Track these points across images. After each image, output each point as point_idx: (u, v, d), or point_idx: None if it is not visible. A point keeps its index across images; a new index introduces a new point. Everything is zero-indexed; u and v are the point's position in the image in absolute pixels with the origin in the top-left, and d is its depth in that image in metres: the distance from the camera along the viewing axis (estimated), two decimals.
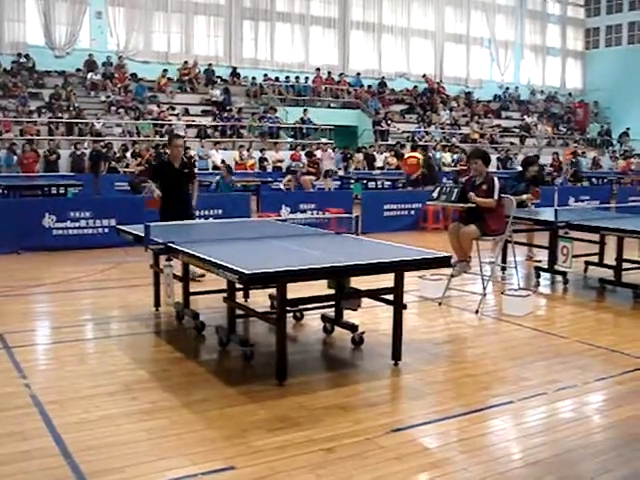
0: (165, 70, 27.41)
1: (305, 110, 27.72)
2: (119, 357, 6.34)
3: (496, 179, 8.55)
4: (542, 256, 10.27)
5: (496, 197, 8.35)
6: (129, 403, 5.18)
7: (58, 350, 6.64)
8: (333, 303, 6.76)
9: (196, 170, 10.86)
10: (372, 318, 7.50)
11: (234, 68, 29.71)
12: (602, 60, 38.91)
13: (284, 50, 31.35)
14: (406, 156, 19.79)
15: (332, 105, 30.23)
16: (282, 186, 19.22)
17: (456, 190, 8.49)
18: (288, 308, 5.85)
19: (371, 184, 21.91)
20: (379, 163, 25.64)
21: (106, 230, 12.23)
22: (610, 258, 9.46)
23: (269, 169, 23.61)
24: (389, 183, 21.63)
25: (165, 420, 4.85)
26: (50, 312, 8.29)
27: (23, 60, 25.62)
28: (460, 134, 30.75)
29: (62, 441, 4.47)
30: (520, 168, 11.95)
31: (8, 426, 4.71)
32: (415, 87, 33.52)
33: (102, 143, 21.78)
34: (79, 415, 4.92)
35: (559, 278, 9.58)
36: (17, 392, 5.37)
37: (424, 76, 33.93)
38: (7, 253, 11.34)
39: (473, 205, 8.30)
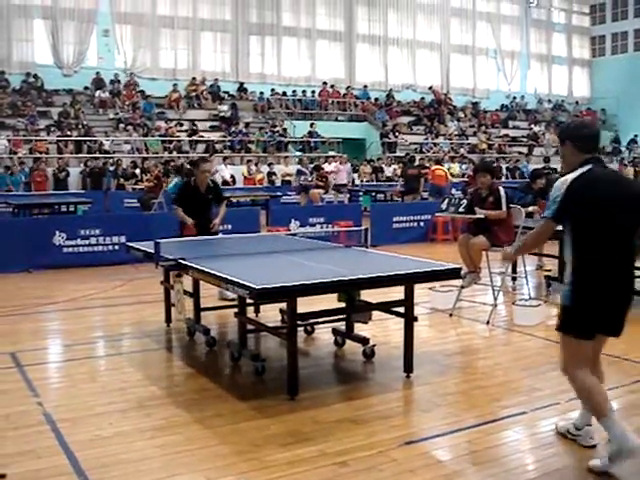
0: (175, 85, 27.55)
1: (312, 124, 27.79)
2: (131, 374, 6.35)
3: (502, 189, 8.56)
4: (552, 265, 10.25)
5: (504, 208, 8.36)
6: (142, 420, 5.19)
7: (70, 368, 6.66)
8: (344, 316, 6.76)
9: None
10: (383, 331, 7.49)
11: (241, 83, 29.84)
12: (608, 68, 38.91)
13: (291, 64, 31.48)
14: (433, 168, 20.43)
15: (339, 118, 30.31)
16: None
17: (464, 202, 8.51)
18: (299, 322, 5.87)
19: (380, 196, 21.92)
20: (388, 174, 25.67)
21: (116, 247, 12.27)
22: None
23: (277, 183, 23.66)
24: None
25: (178, 436, 4.86)
26: (61, 330, 8.32)
27: (32, 79, 25.81)
28: (468, 144, 30.77)
29: (75, 459, 4.48)
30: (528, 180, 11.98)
31: (21, 444, 4.72)
32: (422, 98, 33.57)
33: (104, 160, 21.93)
34: (92, 432, 4.93)
35: None
36: (30, 410, 5.39)
37: (430, 88, 33.96)
38: (18, 272, 11.39)
39: (482, 216, 8.31)
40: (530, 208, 10.42)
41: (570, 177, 4.23)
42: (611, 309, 4.32)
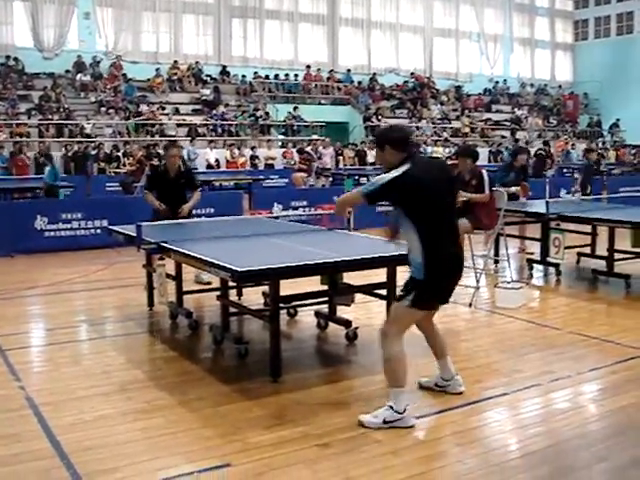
0: (158, 69, 27.36)
1: (295, 107, 27.70)
2: (114, 357, 6.34)
3: (485, 172, 8.58)
4: (534, 248, 10.29)
5: (487, 191, 8.38)
6: (124, 403, 5.18)
7: (52, 352, 6.63)
8: (326, 299, 6.78)
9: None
10: (366, 313, 7.50)
11: (224, 66, 29.67)
12: (591, 52, 38.98)
13: (273, 48, 31.28)
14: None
15: (322, 102, 30.21)
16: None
17: None
18: (281, 305, 5.87)
19: (363, 180, 21.88)
20: (370, 159, 25.65)
21: (98, 231, 12.20)
22: (602, 249, 9.50)
23: (261, 167, 23.59)
24: None
25: (161, 419, 4.86)
26: (44, 314, 8.28)
27: (12, 63, 25.53)
28: (451, 128, 30.77)
29: (58, 442, 4.48)
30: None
31: (3, 428, 4.71)
32: (405, 82, 33.51)
33: (85, 144, 21.76)
34: (74, 416, 4.92)
35: (552, 270, 9.60)
36: (12, 395, 5.37)
37: (412, 74, 33.88)
38: (0, 256, 11.32)
39: (464, 199, 8.32)
40: (512, 188, 10.43)
41: (397, 173, 4.63)
42: (451, 281, 4.87)
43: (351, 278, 6.56)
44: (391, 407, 4.64)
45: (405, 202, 4.68)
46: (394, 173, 4.62)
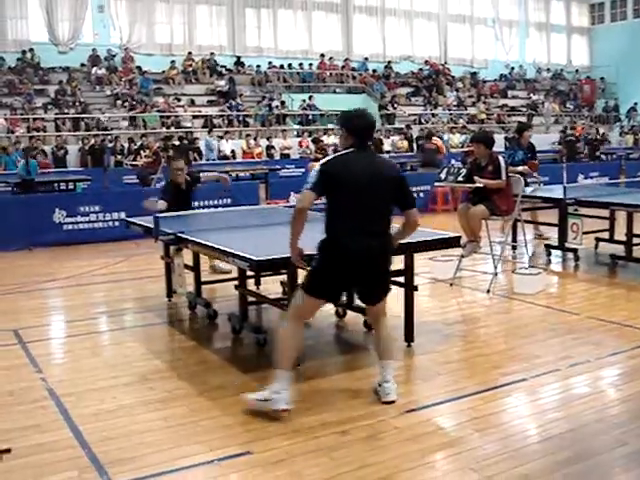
0: (173, 62, 27.38)
1: (310, 97, 27.66)
2: (134, 348, 6.39)
3: (501, 159, 8.53)
4: (552, 233, 10.25)
5: (504, 177, 8.34)
6: (145, 393, 5.23)
7: (72, 343, 6.69)
8: None
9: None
10: None
11: (238, 57, 29.64)
12: (608, 35, 38.52)
13: (287, 37, 31.20)
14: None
15: (337, 90, 30.13)
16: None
17: (463, 171, 8.50)
18: None
19: None
20: (387, 147, 25.60)
21: (116, 223, 12.28)
22: (620, 234, 9.45)
23: (277, 157, 23.61)
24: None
25: (181, 408, 4.90)
26: (63, 306, 8.35)
27: (27, 57, 25.63)
28: (467, 115, 30.63)
29: (79, 432, 4.53)
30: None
31: (26, 419, 4.76)
32: (420, 69, 33.34)
33: (102, 137, 21.85)
34: (96, 406, 4.97)
35: (570, 255, 9.57)
36: (33, 386, 5.43)
37: (426, 62, 33.72)
38: (19, 250, 11.41)
39: (481, 185, 8.29)
40: (520, 168, 10.33)
41: (326, 159, 4.77)
42: (346, 275, 4.76)
43: None
44: (271, 387, 4.72)
45: (325, 189, 4.70)
46: (324, 160, 4.78)
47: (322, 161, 4.80)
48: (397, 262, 6.13)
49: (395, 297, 7.08)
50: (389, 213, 4.87)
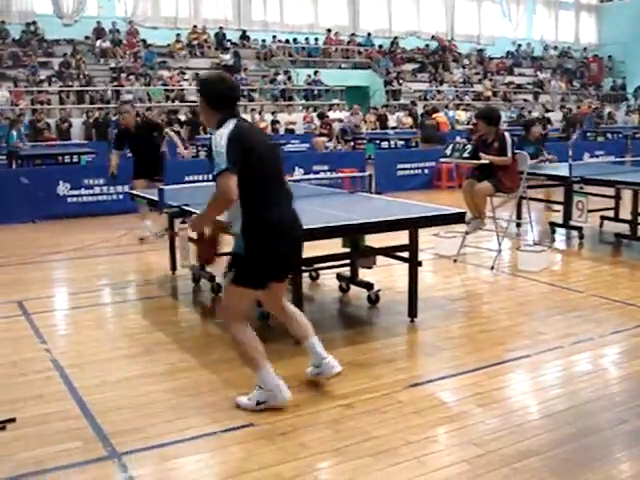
0: (178, 35, 27.24)
1: (316, 72, 27.54)
2: (137, 320, 6.41)
3: (507, 135, 8.49)
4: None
5: (510, 154, 8.31)
6: (148, 365, 5.24)
7: (77, 315, 6.71)
8: (348, 262, 6.79)
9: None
10: (387, 276, 7.52)
11: (244, 31, 29.47)
12: (616, 13, 38.20)
13: (293, 11, 31.00)
14: (433, 117, 20.53)
15: (343, 66, 30.00)
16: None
17: (469, 147, 8.46)
18: (303, 268, 5.88)
19: (384, 144, 21.81)
20: (392, 123, 25.52)
21: (120, 196, 12.28)
22: (626, 212, 9.42)
23: (281, 132, 23.54)
24: (402, 143, 21.51)
25: (184, 380, 4.91)
26: (67, 278, 8.36)
27: (32, 29, 25.50)
28: (473, 92, 30.50)
29: (83, 403, 4.54)
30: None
31: (30, 390, 4.78)
32: (427, 45, 33.17)
33: (106, 110, 21.82)
34: (99, 378, 4.99)
35: (574, 233, 9.55)
36: (38, 357, 5.45)
37: (433, 37, 33.52)
38: (23, 222, 11.43)
39: (486, 162, 8.26)
40: (546, 156, 10.41)
41: (225, 132, 4.14)
42: (279, 251, 4.33)
43: (373, 241, 6.55)
44: (260, 387, 4.38)
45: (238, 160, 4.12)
46: (224, 131, 4.15)
47: (229, 129, 4.16)
48: (401, 238, 6.14)
49: (399, 272, 7.13)
50: None
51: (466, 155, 8.38)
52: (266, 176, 4.27)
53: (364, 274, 6.95)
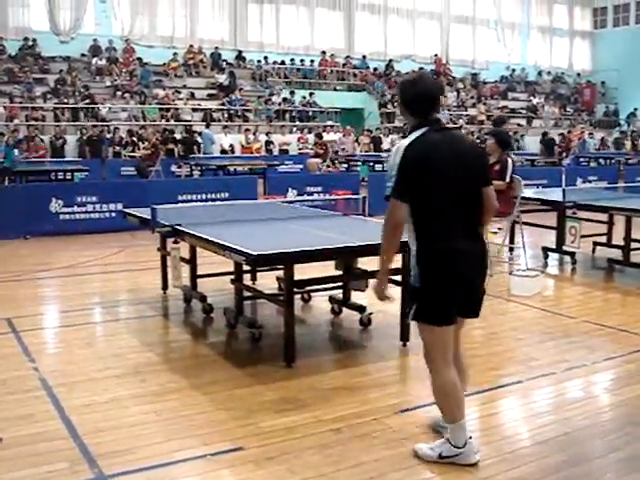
0: (175, 54, 27.33)
1: (311, 93, 27.64)
2: (127, 340, 6.35)
3: (510, 161, 8.49)
4: (551, 237, 10.23)
5: (507, 179, 8.32)
6: (138, 385, 5.19)
7: (66, 334, 6.66)
8: (341, 284, 6.76)
9: None
10: None
11: (239, 51, 29.59)
12: (610, 40, 38.50)
13: (289, 33, 31.14)
14: None
15: (338, 88, 30.12)
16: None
17: None
18: (296, 290, 5.85)
19: (378, 166, 21.83)
20: (385, 145, 25.59)
21: (113, 214, 12.25)
22: (618, 238, 9.43)
23: (275, 152, 23.58)
24: None
25: (174, 402, 4.86)
26: (58, 296, 8.31)
27: (28, 46, 25.53)
28: (467, 116, 30.63)
29: (71, 423, 4.49)
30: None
31: (18, 409, 4.72)
32: (421, 69, 33.30)
33: (101, 128, 21.82)
34: (88, 398, 4.94)
35: (567, 258, 9.55)
36: (26, 375, 5.39)
37: (436, 55, 33.72)
38: (15, 238, 11.37)
39: None
40: None
41: (404, 144, 3.76)
42: (458, 283, 3.86)
43: (366, 263, 6.53)
44: (448, 440, 3.98)
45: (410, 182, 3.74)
46: (403, 143, 3.79)
47: (397, 150, 3.79)
48: (394, 260, 6.11)
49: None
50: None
51: None
52: (443, 203, 3.77)
53: (356, 297, 6.91)
